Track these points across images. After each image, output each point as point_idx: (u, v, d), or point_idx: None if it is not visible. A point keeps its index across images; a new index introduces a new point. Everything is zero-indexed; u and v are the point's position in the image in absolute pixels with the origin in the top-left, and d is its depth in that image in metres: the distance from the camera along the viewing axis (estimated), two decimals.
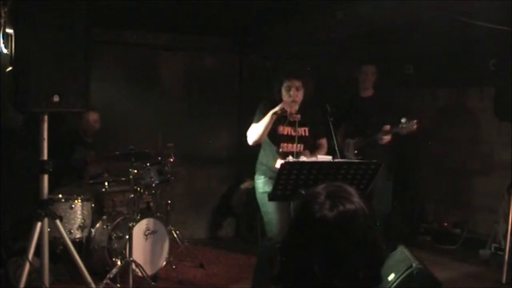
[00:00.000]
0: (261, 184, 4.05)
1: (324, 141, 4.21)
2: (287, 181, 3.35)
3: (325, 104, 4.08)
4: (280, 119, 3.96)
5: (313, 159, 3.57)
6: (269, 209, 3.96)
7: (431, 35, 5.84)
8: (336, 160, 3.58)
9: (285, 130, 4.02)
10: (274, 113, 3.88)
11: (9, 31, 3.31)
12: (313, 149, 4.11)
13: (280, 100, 3.98)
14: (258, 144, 4.11)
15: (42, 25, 3.25)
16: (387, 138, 4.76)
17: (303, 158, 3.63)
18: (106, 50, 5.88)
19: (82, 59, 3.40)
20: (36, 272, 3.51)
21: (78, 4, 3.38)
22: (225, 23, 5.98)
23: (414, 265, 3.53)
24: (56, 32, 3.29)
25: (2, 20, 3.47)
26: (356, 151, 5.02)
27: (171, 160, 5.17)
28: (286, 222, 3.85)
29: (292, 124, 4.00)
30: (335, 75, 6.70)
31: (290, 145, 4.02)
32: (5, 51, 3.47)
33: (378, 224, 1.54)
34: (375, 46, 6.40)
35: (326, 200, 1.46)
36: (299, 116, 3.96)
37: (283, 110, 3.89)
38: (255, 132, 3.99)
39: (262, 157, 4.14)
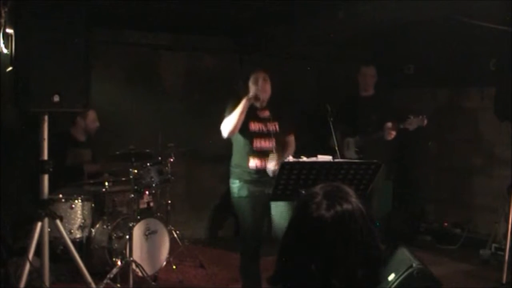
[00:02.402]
0: (236, 189, 3.97)
1: (292, 138, 4.19)
2: (288, 181, 3.34)
3: (325, 104, 4.08)
4: (251, 114, 3.95)
5: (313, 159, 3.57)
6: (245, 214, 3.96)
7: (431, 35, 5.85)
8: (337, 160, 3.58)
9: (257, 126, 4.00)
10: (248, 99, 3.90)
11: (9, 31, 3.31)
12: (282, 146, 4.09)
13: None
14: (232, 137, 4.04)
15: (42, 25, 3.24)
16: (394, 133, 4.81)
17: (303, 158, 3.63)
18: (106, 50, 5.88)
19: (82, 59, 3.39)
20: (36, 272, 3.50)
21: (78, 4, 3.38)
22: (225, 23, 5.98)
23: (414, 265, 3.53)
24: (56, 32, 3.28)
25: (2, 20, 3.47)
26: (357, 149, 5.04)
27: (171, 160, 5.17)
28: (261, 227, 3.95)
29: (263, 120, 4.02)
30: (335, 75, 6.70)
31: (263, 141, 3.98)
32: (5, 51, 3.46)
33: (378, 224, 1.53)
34: (376, 46, 6.40)
35: (323, 200, 1.46)
36: (268, 112, 4.01)
37: (256, 96, 3.93)
38: (229, 122, 3.94)
39: (235, 157, 4.06)
